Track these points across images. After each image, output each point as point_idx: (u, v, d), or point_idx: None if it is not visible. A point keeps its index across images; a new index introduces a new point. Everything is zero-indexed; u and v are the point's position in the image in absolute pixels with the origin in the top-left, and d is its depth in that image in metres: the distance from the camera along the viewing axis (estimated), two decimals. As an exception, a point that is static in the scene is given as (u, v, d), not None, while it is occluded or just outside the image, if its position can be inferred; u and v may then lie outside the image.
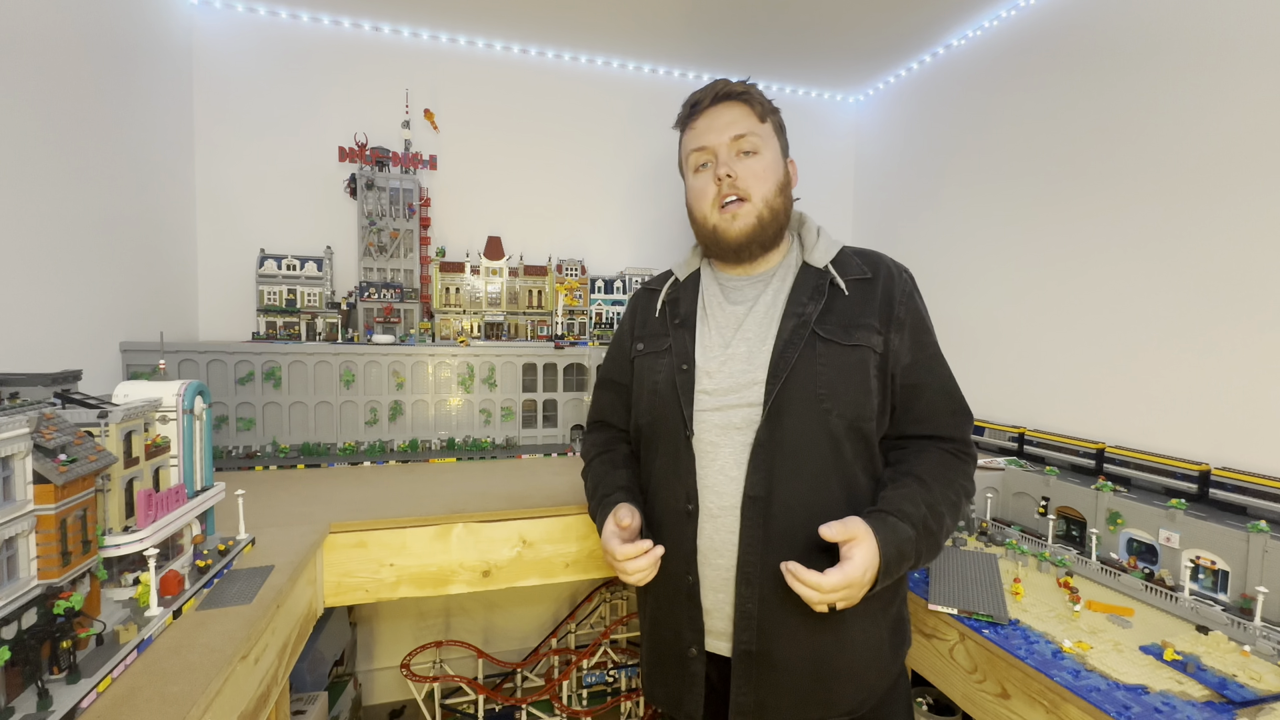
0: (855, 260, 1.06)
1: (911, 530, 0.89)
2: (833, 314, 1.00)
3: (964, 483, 1.00)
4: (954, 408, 1.02)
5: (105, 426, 0.83)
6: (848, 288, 1.02)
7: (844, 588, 0.83)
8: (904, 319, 1.01)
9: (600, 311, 2.44)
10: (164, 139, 2.00)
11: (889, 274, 1.04)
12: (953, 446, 1.01)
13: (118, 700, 0.71)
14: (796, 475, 0.95)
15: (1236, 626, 1.14)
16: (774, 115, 1.09)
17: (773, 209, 1.04)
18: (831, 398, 0.96)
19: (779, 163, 1.08)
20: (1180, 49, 1.57)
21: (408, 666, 2.12)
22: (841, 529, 0.86)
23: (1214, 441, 1.47)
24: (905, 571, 0.92)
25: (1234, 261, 1.46)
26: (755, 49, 2.46)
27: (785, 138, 1.12)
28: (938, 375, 1.02)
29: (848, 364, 0.97)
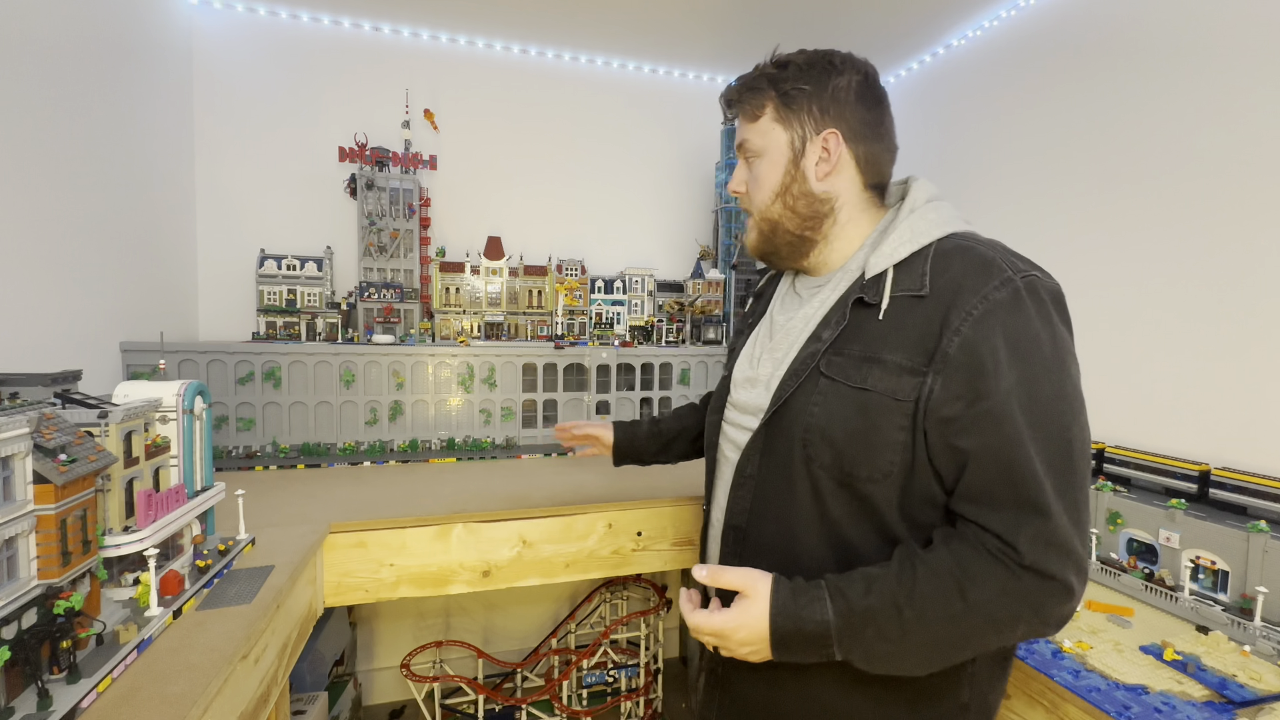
0: (924, 266, 0.78)
1: (833, 617, 0.71)
2: (856, 343, 0.80)
3: (990, 600, 0.68)
4: (1015, 496, 0.69)
5: (105, 426, 0.83)
6: (888, 308, 0.78)
7: (710, 633, 0.77)
8: (953, 355, 0.72)
9: (600, 311, 2.44)
10: (164, 139, 2.00)
11: (957, 287, 0.74)
12: (999, 548, 0.69)
13: (118, 700, 0.71)
14: (772, 515, 0.86)
15: (1236, 626, 1.15)
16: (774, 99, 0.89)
17: (770, 220, 0.90)
18: (816, 444, 0.79)
19: (778, 162, 0.89)
20: (1181, 48, 1.57)
21: (408, 666, 2.12)
22: (738, 579, 0.77)
23: (1214, 441, 1.47)
24: (830, 658, 0.73)
25: (1234, 261, 1.45)
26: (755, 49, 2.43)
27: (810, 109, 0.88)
28: (991, 442, 0.70)
29: (848, 410, 0.77)
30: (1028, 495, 0.68)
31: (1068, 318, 0.77)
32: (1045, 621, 0.70)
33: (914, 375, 0.74)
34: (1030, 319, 0.72)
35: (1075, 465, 0.70)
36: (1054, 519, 0.68)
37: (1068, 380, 0.72)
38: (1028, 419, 0.69)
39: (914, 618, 0.70)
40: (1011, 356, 0.70)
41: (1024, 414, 0.69)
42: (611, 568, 1.57)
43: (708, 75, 2.75)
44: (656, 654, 2.41)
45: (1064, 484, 0.69)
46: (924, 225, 0.82)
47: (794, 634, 0.73)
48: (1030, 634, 0.72)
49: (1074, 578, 0.68)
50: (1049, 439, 0.70)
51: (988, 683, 0.83)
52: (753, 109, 0.90)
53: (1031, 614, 0.69)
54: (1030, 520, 0.68)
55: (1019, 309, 0.72)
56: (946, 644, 0.72)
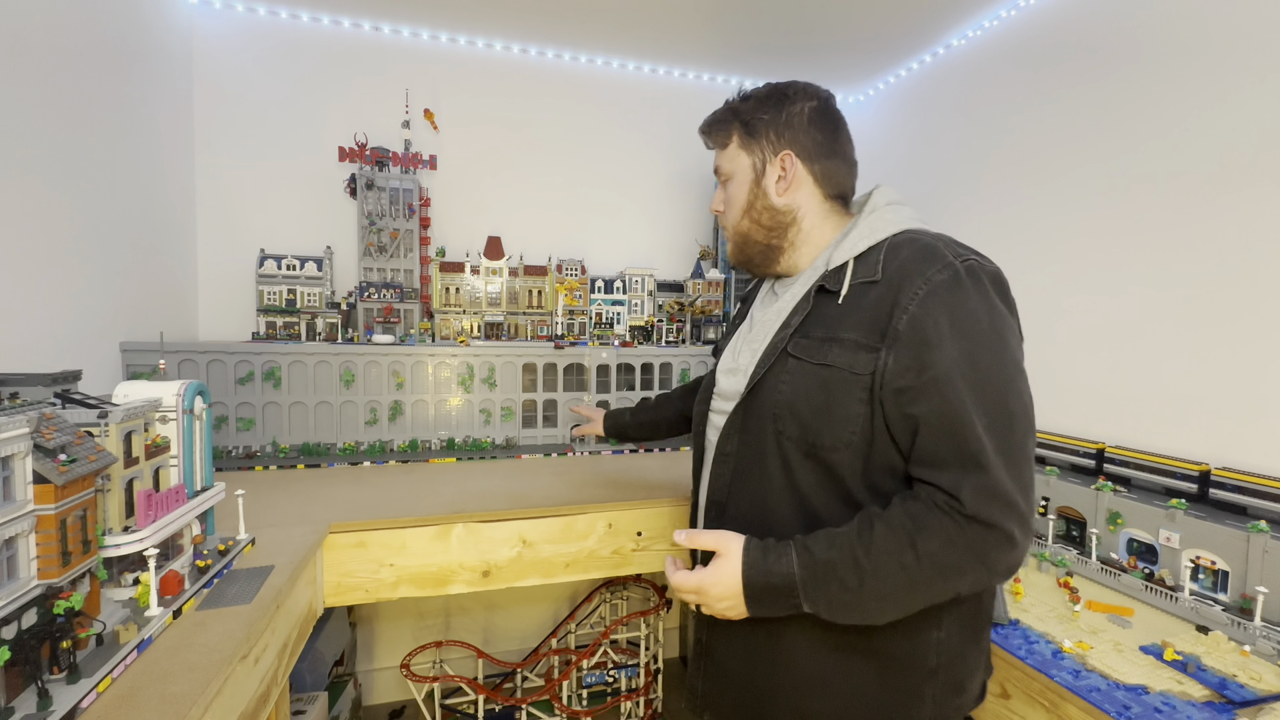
0: (877, 256, 0.88)
1: (796, 568, 0.79)
2: (819, 326, 0.89)
3: (938, 549, 0.75)
4: (958, 451, 0.76)
5: (105, 426, 0.83)
6: (847, 293, 0.88)
7: (689, 590, 0.86)
8: (901, 333, 0.80)
9: (600, 311, 2.44)
10: (164, 139, 2.00)
11: (902, 275, 0.83)
12: (946, 502, 0.76)
13: (118, 700, 0.71)
14: (747, 489, 0.94)
15: (1236, 626, 1.15)
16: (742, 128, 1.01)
17: (741, 233, 1.03)
18: (785, 419, 0.88)
19: (743, 183, 1.01)
20: (1182, 48, 1.57)
21: (408, 666, 2.12)
22: (711, 539, 0.86)
23: (1214, 441, 1.47)
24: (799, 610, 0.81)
25: (1234, 261, 1.45)
26: (754, 48, 2.46)
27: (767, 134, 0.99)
28: (936, 407, 0.78)
29: (812, 385, 0.86)
30: (969, 452, 0.76)
31: (1009, 298, 0.85)
32: (991, 570, 0.77)
33: (869, 351, 0.82)
34: (969, 297, 0.80)
35: (1014, 426, 0.78)
36: (992, 473, 0.75)
37: (1006, 351, 0.80)
38: (969, 385, 0.77)
39: (870, 568, 0.77)
40: (953, 331, 0.79)
41: (965, 381, 0.77)
42: (611, 568, 1.57)
43: (708, 75, 2.75)
44: (656, 654, 2.41)
45: (1003, 443, 0.77)
46: (881, 224, 0.92)
47: (764, 587, 0.81)
48: (979, 582, 0.79)
49: (1015, 528, 0.75)
50: (989, 403, 0.77)
51: (958, 653, 0.88)
52: (721, 138, 1.03)
53: (977, 561, 0.76)
54: (972, 475, 0.75)
55: (959, 289, 0.81)
56: (901, 591, 0.78)
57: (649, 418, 1.53)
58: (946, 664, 0.87)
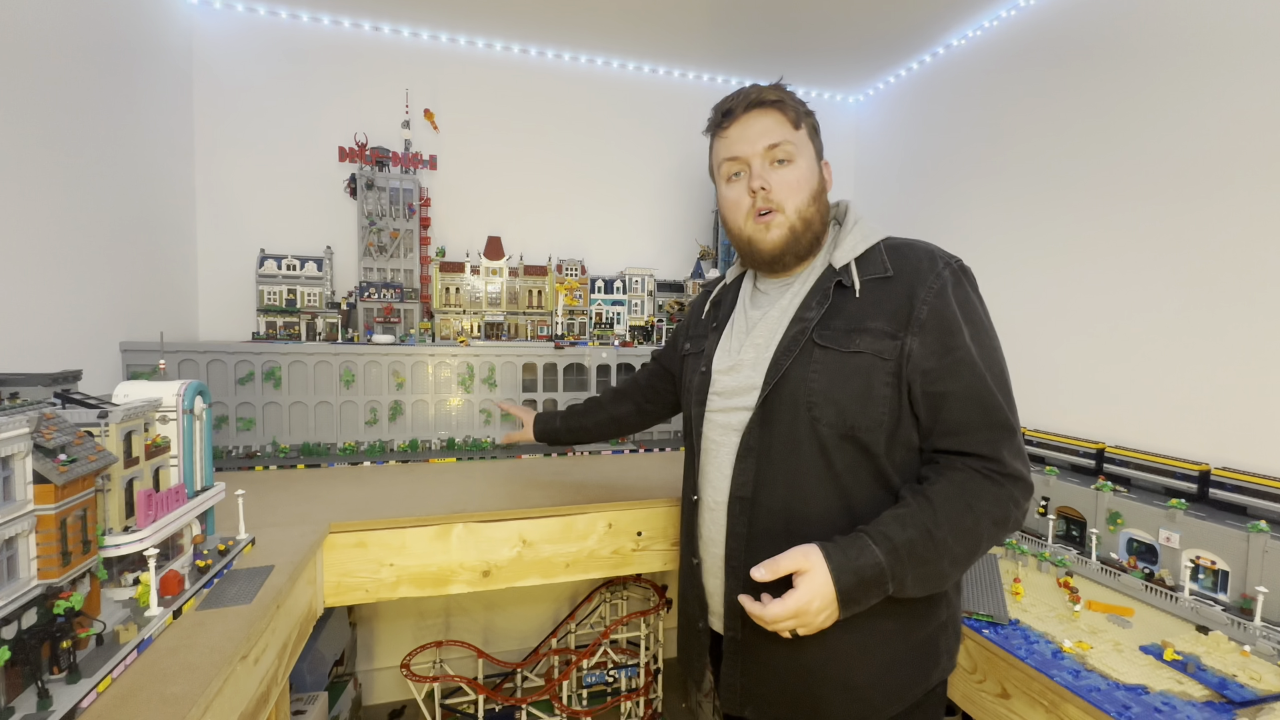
0: (881, 257, 0.98)
1: (882, 556, 0.84)
2: (839, 318, 0.96)
3: (990, 507, 0.87)
4: (989, 421, 0.90)
5: (105, 426, 0.83)
6: (862, 288, 0.96)
7: (789, 617, 0.85)
8: (925, 320, 0.91)
9: (600, 311, 2.44)
10: (164, 139, 2.00)
11: (915, 270, 0.95)
12: (983, 465, 0.89)
13: (118, 700, 0.71)
14: (780, 480, 0.96)
15: (1236, 626, 1.15)
16: (809, 119, 1.05)
17: (805, 219, 1.01)
18: (821, 406, 0.93)
19: (813, 170, 1.03)
20: (1182, 48, 1.57)
21: (408, 666, 2.12)
22: (794, 560, 0.85)
23: (1214, 441, 1.47)
24: (886, 595, 0.86)
25: (1234, 261, 1.45)
26: (754, 48, 2.46)
27: (819, 140, 1.07)
28: (966, 383, 0.90)
29: (845, 371, 0.93)
30: (1000, 420, 0.90)
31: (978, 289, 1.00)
32: (1024, 512, 0.92)
33: (893, 339, 0.92)
34: (968, 292, 0.96)
35: (1012, 397, 0.94)
36: (1017, 435, 0.92)
37: (994, 334, 0.96)
38: (984, 364, 0.91)
39: (945, 537, 0.86)
40: (964, 319, 0.93)
41: (981, 361, 0.91)
42: (611, 568, 1.57)
43: (708, 75, 2.75)
44: (656, 654, 2.41)
45: (1013, 411, 0.93)
46: (869, 231, 1.03)
47: (856, 585, 0.85)
48: (1017, 526, 0.93)
49: (1029, 474, 0.92)
50: (998, 378, 0.92)
51: (955, 600, 1.01)
52: (796, 117, 1.03)
53: (1015, 509, 0.90)
54: (1005, 437, 0.90)
55: (960, 284, 0.95)
56: (969, 550, 0.88)
57: (579, 423, 1.55)
58: (951, 615, 0.99)
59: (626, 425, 1.53)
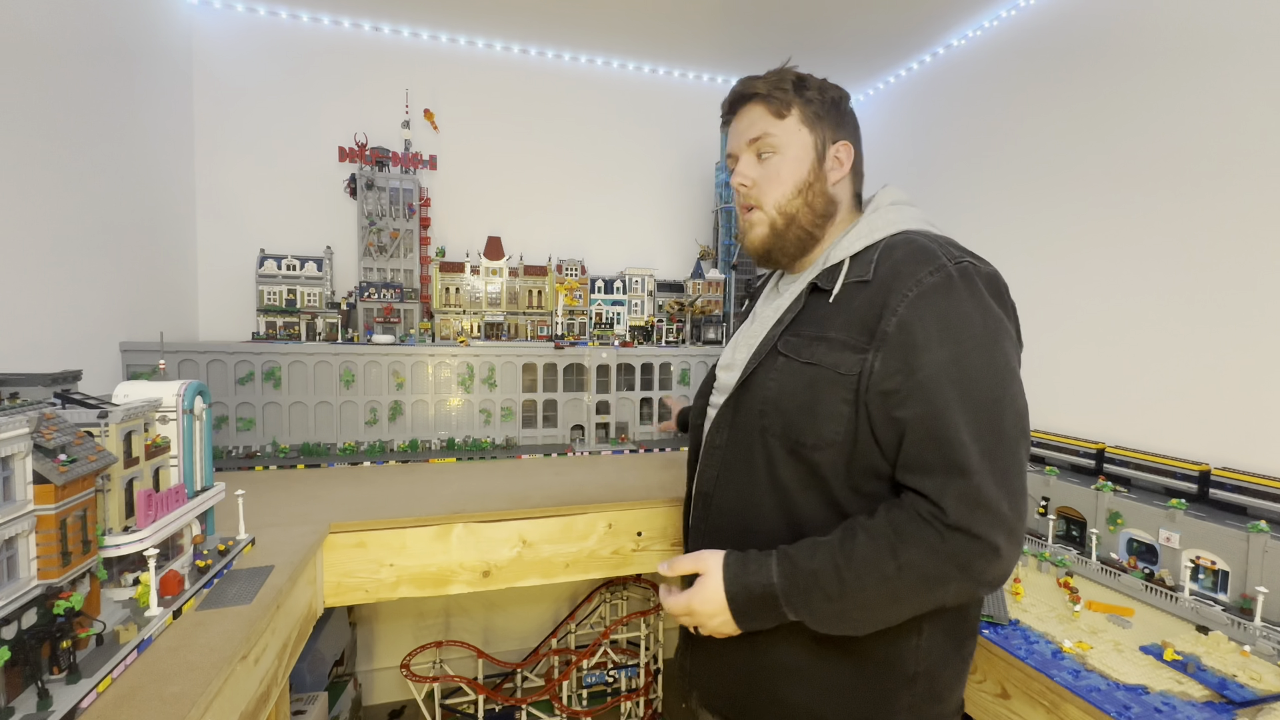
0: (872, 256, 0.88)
1: (777, 578, 0.80)
2: (808, 324, 0.90)
3: (920, 559, 0.74)
4: (943, 460, 0.74)
5: (105, 426, 0.83)
6: (841, 292, 0.88)
7: (681, 612, 0.87)
8: (890, 333, 0.79)
9: (600, 311, 2.44)
10: (164, 139, 2.00)
11: (895, 274, 0.82)
12: (929, 510, 0.75)
13: (118, 700, 0.71)
14: (734, 482, 0.94)
15: (1236, 626, 1.15)
16: (805, 105, 0.96)
17: (788, 214, 0.96)
18: (770, 415, 0.88)
19: (802, 160, 0.96)
20: (1182, 47, 1.57)
21: (408, 666, 2.12)
22: (691, 563, 0.88)
23: (1214, 441, 1.47)
24: (787, 620, 0.81)
25: (1235, 261, 1.45)
26: (755, 48, 2.46)
27: (830, 121, 0.98)
28: (923, 411, 0.76)
29: (797, 383, 0.86)
30: (954, 460, 0.74)
31: (1007, 301, 0.84)
32: (976, 580, 0.75)
33: (856, 352, 0.82)
34: (960, 300, 0.79)
35: (1003, 432, 0.76)
36: (975, 479, 0.73)
37: (998, 355, 0.78)
38: (958, 390, 0.76)
39: (852, 578, 0.76)
40: (942, 334, 0.78)
41: (954, 386, 0.76)
42: (611, 568, 1.57)
43: (707, 75, 2.75)
44: (656, 654, 2.41)
45: (991, 449, 0.75)
46: (881, 223, 0.92)
47: (747, 599, 0.82)
48: (964, 592, 0.77)
49: (1001, 538, 0.73)
50: (977, 408, 0.76)
51: (939, 661, 0.87)
52: (780, 107, 0.96)
53: (959, 572, 0.74)
54: (955, 482, 0.74)
55: (950, 291, 0.80)
56: (884, 602, 0.77)
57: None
58: (926, 672, 0.86)
59: None
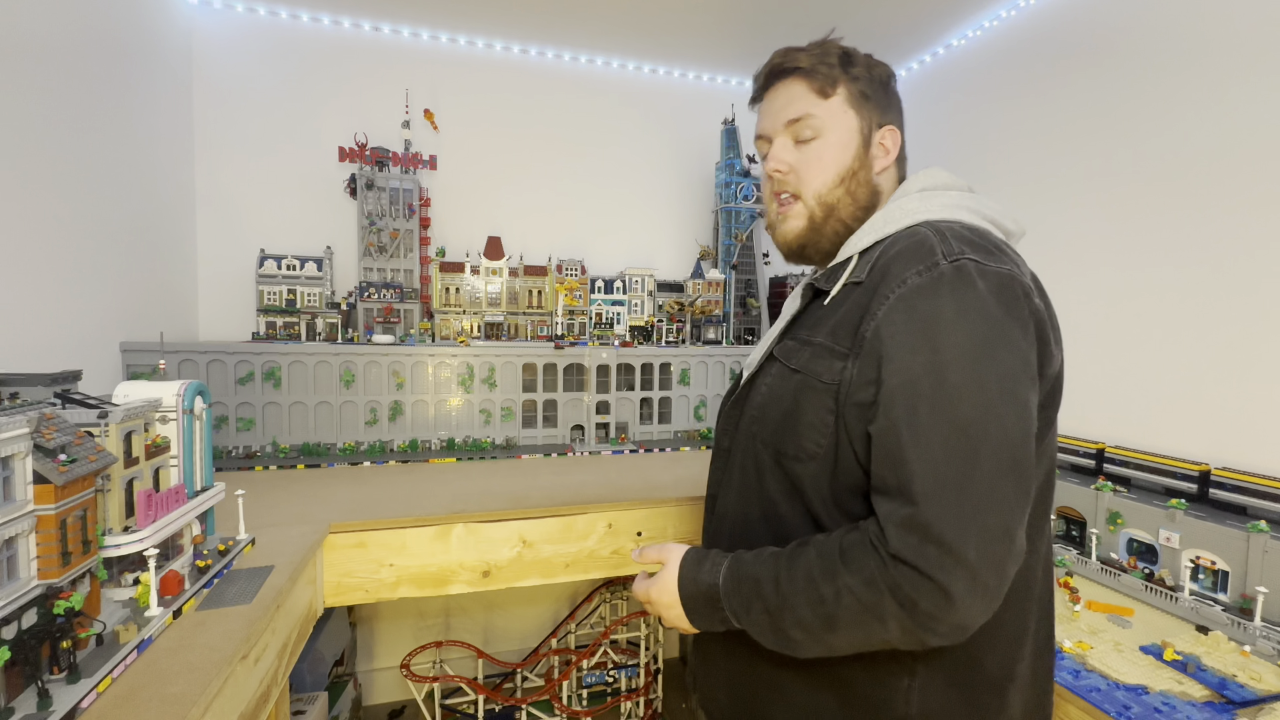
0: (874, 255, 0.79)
1: (721, 580, 0.77)
2: (804, 328, 0.84)
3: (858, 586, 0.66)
4: (896, 482, 0.66)
5: (105, 426, 0.83)
6: (836, 295, 0.81)
7: (643, 599, 0.88)
8: (866, 341, 0.71)
9: (600, 311, 2.44)
10: (164, 139, 2.00)
11: (883, 275, 0.74)
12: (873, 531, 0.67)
13: (118, 700, 0.71)
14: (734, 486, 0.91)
15: (1236, 626, 1.15)
16: (850, 82, 0.86)
17: (828, 205, 0.86)
18: (759, 421, 0.84)
19: (847, 145, 0.86)
20: (1182, 48, 1.57)
21: (408, 666, 2.12)
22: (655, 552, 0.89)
23: (1214, 441, 1.47)
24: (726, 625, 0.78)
25: (1234, 261, 1.45)
26: (754, 48, 2.46)
27: (878, 102, 0.88)
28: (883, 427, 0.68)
29: (784, 390, 0.81)
30: (903, 483, 0.65)
31: (1017, 306, 0.70)
32: (922, 626, 0.64)
33: (839, 359, 0.75)
34: (944, 302, 0.68)
35: (978, 462, 0.64)
36: (924, 509, 0.63)
37: (988, 369, 0.66)
38: (926, 406, 0.66)
39: (790, 593, 0.70)
40: (917, 342, 0.68)
41: (923, 401, 0.66)
42: (611, 568, 1.57)
43: (707, 75, 2.75)
44: (656, 654, 2.41)
45: (956, 478, 0.63)
46: (898, 214, 0.81)
47: (692, 595, 0.81)
48: (910, 637, 0.66)
49: (958, 584, 0.61)
50: (946, 427, 0.65)
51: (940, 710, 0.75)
52: (824, 84, 0.86)
53: (899, 609, 0.64)
54: (902, 509, 0.65)
55: (936, 293, 0.69)
56: (819, 625, 0.69)
57: None
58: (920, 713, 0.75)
59: None
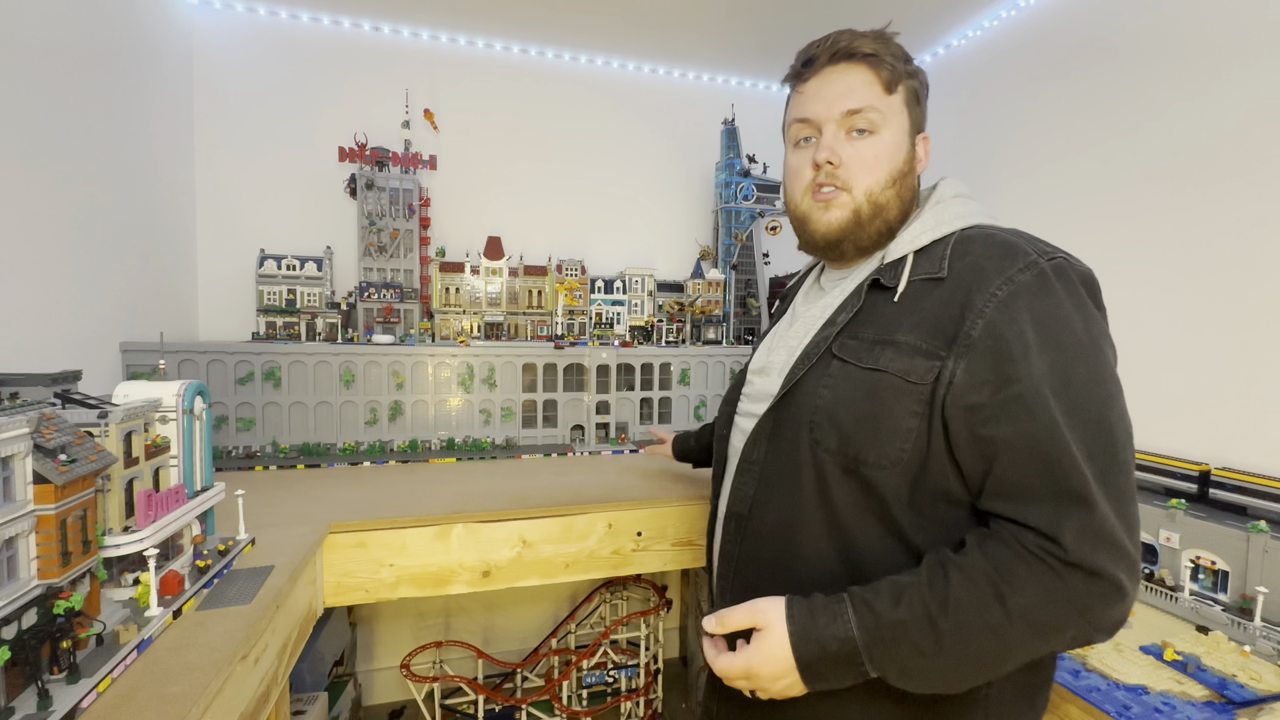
0: (943, 252, 0.78)
1: (856, 630, 0.67)
2: (870, 326, 0.79)
3: (1033, 604, 0.63)
4: (1054, 486, 0.65)
5: (105, 426, 0.83)
6: (906, 290, 0.78)
7: (739, 675, 0.72)
8: (977, 338, 0.69)
9: (600, 311, 2.44)
10: (164, 139, 2.00)
11: (978, 270, 0.72)
12: (1040, 545, 0.64)
13: (118, 700, 0.71)
14: (775, 503, 0.83)
15: (1236, 626, 1.15)
16: (909, 80, 0.85)
17: (877, 204, 0.83)
18: (823, 428, 0.77)
19: (900, 146, 0.84)
20: (1180, 47, 1.57)
21: (408, 666, 2.12)
22: (745, 616, 0.72)
23: (1214, 441, 1.47)
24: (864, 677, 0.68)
25: (1234, 261, 1.45)
26: (754, 49, 2.46)
27: (921, 109, 0.88)
28: (1025, 429, 0.66)
29: (858, 392, 0.75)
30: (1069, 486, 0.64)
31: (1101, 303, 0.75)
32: (1096, 626, 0.65)
33: (930, 358, 0.72)
34: (1060, 301, 0.70)
35: (1118, 454, 0.66)
36: (1099, 510, 0.63)
37: (1103, 365, 0.70)
38: (1063, 405, 0.66)
39: (950, 629, 0.65)
40: (1041, 340, 0.68)
41: (1058, 400, 0.66)
42: (611, 568, 1.57)
43: (708, 75, 2.75)
44: (656, 654, 2.41)
45: (1107, 473, 0.65)
46: (948, 216, 0.81)
47: (819, 657, 0.68)
48: (1079, 641, 0.66)
49: (1125, 575, 0.63)
50: (1087, 426, 0.66)
51: (1012, 710, 0.76)
52: (891, 78, 0.84)
53: (1079, 617, 0.64)
54: (1073, 512, 0.63)
55: (1047, 291, 0.70)
56: (989, 656, 0.66)
57: (709, 440, 1.43)
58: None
59: None
